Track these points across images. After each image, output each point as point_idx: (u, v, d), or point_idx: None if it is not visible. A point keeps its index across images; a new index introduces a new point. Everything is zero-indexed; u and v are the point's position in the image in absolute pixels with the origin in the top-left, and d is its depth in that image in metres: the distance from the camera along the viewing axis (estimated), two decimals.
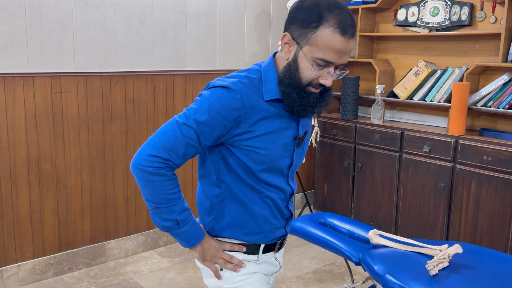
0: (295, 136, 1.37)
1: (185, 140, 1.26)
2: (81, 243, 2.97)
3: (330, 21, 1.20)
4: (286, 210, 1.47)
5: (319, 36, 1.21)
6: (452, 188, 3.12)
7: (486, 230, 2.98)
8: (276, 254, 1.53)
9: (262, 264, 1.48)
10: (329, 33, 1.20)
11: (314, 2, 1.23)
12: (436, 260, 1.89)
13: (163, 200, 1.29)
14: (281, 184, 1.40)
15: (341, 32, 1.20)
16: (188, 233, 1.34)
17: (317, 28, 1.21)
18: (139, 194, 3.19)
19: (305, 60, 1.25)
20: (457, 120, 3.09)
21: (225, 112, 1.25)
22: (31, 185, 2.73)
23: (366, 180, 3.63)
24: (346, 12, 1.23)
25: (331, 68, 1.25)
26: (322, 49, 1.21)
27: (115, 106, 2.99)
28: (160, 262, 3.13)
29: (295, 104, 1.29)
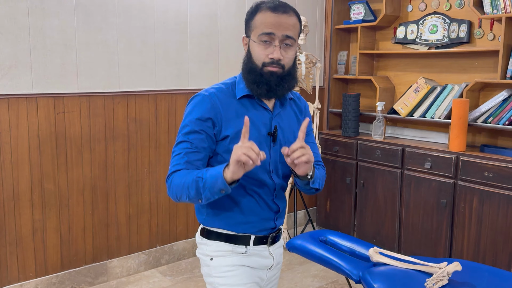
0: (268, 132, 1.50)
1: (184, 151, 1.44)
2: (83, 262, 2.98)
3: (263, 6, 1.45)
4: (273, 203, 1.55)
5: (256, 19, 1.45)
6: (454, 204, 3.11)
7: (489, 246, 2.96)
8: (271, 248, 1.59)
9: (251, 257, 1.54)
10: (263, 14, 1.44)
11: (254, 3, 1.50)
12: (436, 277, 1.89)
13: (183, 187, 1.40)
14: (263, 178, 1.50)
15: (272, 10, 1.43)
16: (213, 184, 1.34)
17: (254, 15, 1.46)
18: (141, 212, 3.21)
19: (254, 44, 1.45)
20: (457, 136, 3.09)
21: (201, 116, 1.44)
22: (33, 204, 2.76)
23: (368, 197, 3.62)
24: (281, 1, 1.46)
25: (276, 42, 1.42)
26: (259, 26, 1.43)
27: (117, 126, 3.03)
28: (162, 281, 3.12)
29: (254, 86, 1.46)
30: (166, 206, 3.33)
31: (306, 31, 3.43)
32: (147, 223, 3.25)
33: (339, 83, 4.11)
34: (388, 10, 3.60)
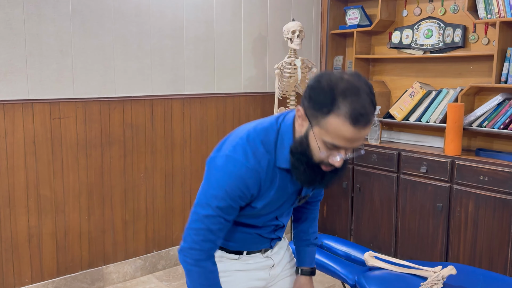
0: (297, 196, 1.42)
1: (215, 227, 1.30)
2: (80, 267, 2.98)
3: (342, 109, 1.13)
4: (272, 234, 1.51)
5: (329, 122, 1.15)
6: (450, 208, 3.11)
7: (485, 250, 2.96)
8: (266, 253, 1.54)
9: (245, 261, 1.52)
10: (340, 122, 1.14)
11: (330, 84, 1.16)
12: (430, 281, 1.89)
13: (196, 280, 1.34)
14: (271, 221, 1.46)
15: (352, 123, 1.13)
16: None
17: (328, 114, 1.15)
18: (137, 218, 3.21)
19: (314, 141, 1.21)
20: (453, 140, 3.10)
21: (238, 191, 1.27)
22: (29, 210, 2.76)
23: (365, 201, 3.63)
24: (363, 98, 1.14)
25: (342, 150, 1.21)
26: (331, 134, 1.17)
27: (113, 131, 3.03)
28: (158, 286, 3.12)
29: (302, 179, 1.28)
30: (163, 211, 3.33)
31: (302, 36, 3.45)
32: (143, 228, 3.24)
33: None
34: (383, 15, 3.61)
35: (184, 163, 3.40)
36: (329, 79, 1.17)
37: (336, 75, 1.18)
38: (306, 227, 1.62)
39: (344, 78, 1.16)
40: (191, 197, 3.46)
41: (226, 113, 3.59)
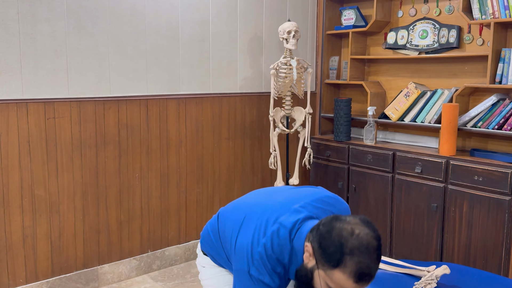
0: None
1: None
2: (74, 268, 2.97)
3: (348, 267, 1.22)
4: None
5: (334, 275, 1.24)
6: (444, 208, 3.12)
7: (480, 250, 2.98)
8: None
9: None
10: (344, 277, 1.23)
11: (340, 239, 1.24)
12: (424, 281, 1.90)
13: None
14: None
15: (355, 280, 1.22)
16: None
17: (334, 268, 1.24)
18: (133, 218, 3.20)
19: (318, 278, 1.29)
20: (447, 141, 3.11)
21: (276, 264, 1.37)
22: (24, 211, 2.75)
23: (360, 201, 3.63)
24: (370, 257, 1.23)
25: None
26: (334, 284, 1.25)
27: (108, 131, 3.03)
28: (153, 286, 3.11)
29: None
30: (158, 211, 3.32)
31: (297, 37, 3.45)
32: (138, 228, 3.24)
33: (330, 88, 4.13)
34: (379, 15, 3.62)
35: (180, 163, 3.40)
36: (340, 234, 1.24)
37: (347, 229, 1.24)
38: None
39: (354, 234, 1.23)
40: (186, 197, 3.46)
41: (222, 113, 3.59)
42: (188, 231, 3.51)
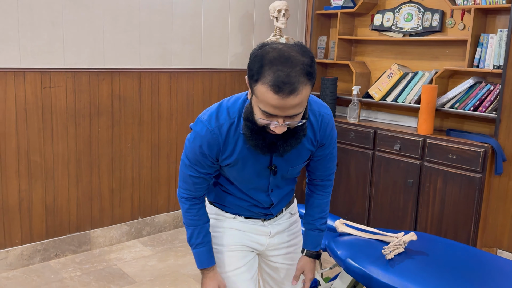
0: (268, 165, 1.50)
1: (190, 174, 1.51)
2: (68, 231, 3.12)
3: (266, 78, 1.21)
4: (266, 210, 1.63)
5: (257, 90, 1.24)
6: (420, 184, 3.31)
7: (451, 224, 3.18)
8: (265, 222, 1.66)
9: (242, 223, 1.64)
10: (264, 89, 1.22)
11: (261, 53, 1.24)
12: (392, 246, 2.07)
13: (184, 220, 1.60)
14: (260, 197, 1.58)
15: (274, 91, 1.19)
16: (195, 256, 1.59)
17: (256, 82, 1.24)
18: (124, 186, 3.35)
19: (255, 107, 1.30)
20: (425, 121, 3.28)
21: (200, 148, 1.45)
22: (20, 175, 2.87)
23: (342, 176, 3.81)
24: (291, 68, 1.20)
25: (279, 119, 1.26)
26: (261, 102, 1.25)
27: (102, 102, 3.14)
28: (143, 250, 3.28)
29: (250, 143, 1.38)
30: (148, 181, 3.47)
31: (287, 15, 3.56)
32: (129, 196, 3.39)
33: (318, 68, 4.25)
34: None
35: (170, 135, 3.53)
36: (264, 49, 1.24)
37: (272, 45, 1.24)
38: (313, 212, 1.70)
39: (277, 48, 1.23)
40: (176, 169, 3.60)
41: (212, 89, 3.71)
42: (177, 200, 3.66)
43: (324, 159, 1.61)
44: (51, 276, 2.86)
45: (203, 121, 1.43)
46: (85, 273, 2.91)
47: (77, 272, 2.93)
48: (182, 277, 2.91)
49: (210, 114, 1.44)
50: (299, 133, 1.37)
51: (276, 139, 1.36)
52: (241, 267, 1.62)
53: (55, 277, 2.86)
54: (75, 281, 2.81)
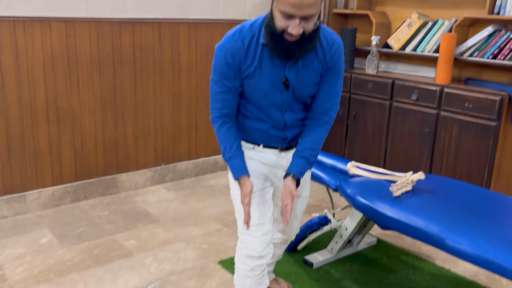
0: (282, 79, 1.65)
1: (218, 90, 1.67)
2: (95, 174, 3.31)
3: None
4: (282, 133, 1.77)
5: None
6: (436, 133, 3.35)
7: (465, 172, 3.23)
8: (283, 153, 1.82)
9: (261, 153, 1.80)
10: None
11: None
12: (400, 184, 2.16)
13: (218, 139, 1.75)
14: (276, 115, 1.72)
15: None
16: (231, 168, 1.73)
17: None
18: (147, 134, 3.49)
19: (276, 11, 1.50)
20: (443, 70, 3.28)
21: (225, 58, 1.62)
22: (49, 121, 3.04)
23: (359, 128, 3.87)
24: None
25: (296, 19, 1.47)
26: (281, 3, 1.46)
27: (124, 52, 3.24)
28: (166, 194, 3.46)
29: (270, 47, 1.57)
30: (170, 129, 3.61)
31: None
32: (152, 144, 3.54)
33: (338, 19, 4.24)
34: None
35: (190, 85, 3.63)
36: None
37: None
38: (305, 141, 1.78)
39: None
40: (196, 119, 3.73)
41: None
42: (198, 149, 3.80)
43: (328, 87, 1.71)
44: (80, 215, 3.07)
45: (228, 35, 1.64)
46: (112, 213, 3.11)
47: (105, 212, 3.13)
48: (203, 218, 3.08)
49: (234, 30, 1.64)
50: (312, 41, 1.55)
51: (292, 46, 1.54)
52: (259, 190, 1.78)
53: (84, 216, 3.06)
54: (103, 220, 3.01)
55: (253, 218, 1.74)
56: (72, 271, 2.42)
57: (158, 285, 2.31)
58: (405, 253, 2.70)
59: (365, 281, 2.40)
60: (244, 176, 1.69)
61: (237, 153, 1.71)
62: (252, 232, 1.74)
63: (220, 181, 3.77)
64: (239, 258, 1.78)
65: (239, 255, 1.78)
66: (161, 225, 2.97)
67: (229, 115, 1.71)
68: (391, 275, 2.46)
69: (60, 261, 2.52)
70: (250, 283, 1.79)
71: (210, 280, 2.38)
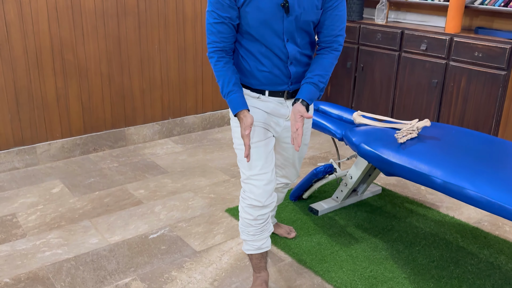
0: (281, 3, 1.61)
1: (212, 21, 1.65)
2: (104, 127, 3.34)
3: None
4: (286, 69, 1.74)
5: None
6: (444, 84, 3.32)
7: (472, 122, 3.22)
8: (288, 101, 1.80)
9: (266, 103, 1.78)
10: None
11: None
12: (405, 130, 2.16)
13: (215, 75, 1.72)
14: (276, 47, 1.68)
15: None
16: (230, 105, 1.71)
17: None
18: (154, 87, 3.50)
19: None
20: (454, 18, 3.20)
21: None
22: (56, 73, 3.05)
23: (366, 80, 3.83)
24: None
25: None
26: None
27: (127, 2, 3.20)
28: (174, 147, 3.50)
29: None
30: (176, 83, 3.60)
31: None
32: (159, 97, 3.55)
33: None
34: None
35: (196, 38, 3.59)
36: None
37: None
38: (314, 68, 1.75)
39: None
40: (202, 71, 3.71)
41: None
42: (205, 103, 3.81)
43: (332, 12, 1.68)
44: (90, 166, 3.13)
45: None
46: (121, 165, 3.17)
47: (114, 163, 3.19)
48: (210, 169, 3.13)
49: None
50: None
51: None
52: (262, 140, 1.78)
53: (94, 167, 3.12)
54: (113, 171, 3.07)
55: (255, 168, 1.75)
56: (84, 218, 2.49)
57: (168, 231, 2.38)
58: (409, 201, 2.74)
59: (369, 227, 2.45)
60: (244, 110, 1.68)
61: (235, 88, 1.70)
62: (255, 181, 1.76)
63: (227, 134, 3.79)
64: (243, 208, 1.81)
65: (243, 205, 1.81)
66: (170, 176, 3.02)
67: (225, 50, 1.69)
68: (395, 221, 2.51)
69: (71, 209, 2.59)
70: (254, 231, 1.84)
71: (217, 226, 2.44)
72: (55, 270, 2.07)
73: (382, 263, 2.15)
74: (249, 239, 1.87)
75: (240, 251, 2.23)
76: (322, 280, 2.03)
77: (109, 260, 2.15)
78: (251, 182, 1.77)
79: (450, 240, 2.35)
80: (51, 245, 2.25)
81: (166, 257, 2.18)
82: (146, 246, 2.26)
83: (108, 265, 2.11)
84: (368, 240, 2.34)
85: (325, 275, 2.06)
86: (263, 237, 1.87)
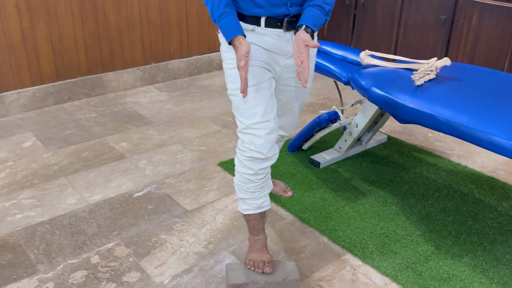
0: None
1: None
2: (78, 73, 3.01)
3: None
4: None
5: None
6: (453, 21, 3.02)
7: (483, 63, 2.96)
8: (288, 34, 1.52)
9: (262, 36, 1.51)
10: None
11: None
12: (423, 71, 1.90)
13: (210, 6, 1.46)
14: None
15: None
16: (222, 30, 1.45)
17: None
18: (132, 27, 3.14)
19: None
20: None
21: None
22: (20, 11, 2.67)
23: (367, 18, 3.51)
24: None
25: None
26: None
27: None
28: (159, 95, 3.20)
29: None
30: (158, 23, 3.24)
31: None
32: (139, 39, 3.20)
33: None
34: None
35: None
36: None
37: None
38: None
39: None
40: (186, 9, 3.34)
41: None
42: (190, 46, 3.47)
43: None
44: (66, 117, 2.83)
45: None
46: (100, 115, 2.87)
47: (92, 113, 2.89)
48: (199, 119, 2.85)
49: None
50: None
51: None
52: (262, 82, 1.51)
53: (70, 118, 2.82)
54: (91, 122, 2.78)
55: (256, 115, 1.49)
56: (59, 176, 2.23)
57: (155, 188, 2.14)
58: (417, 150, 2.53)
59: (376, 179, 2.24)
60: (239, 36, 1.41)
61: (227, 9, 1.42)
62: (256, 131, 1.50)
63: (216, 81, 3.49)
64: (241, 161, 1.56)
65: (241, 158, 1.56)
66: (155, 126, 2.75)
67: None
68: (404, 172, 2.30)
69: (45, 165, 2.32)
70: (254, 188, 1.60)
71: (210, 182, 2.21)
72: (27, 236, 1.83)
73: (393, 219, 1.95)
74: (248, 197, 1.63)
75: (236, 209, 2.00)
76: (329, 240, 1.83)
77: (88, 223, 1.91)
78: (251, 131, 1.51)
79: (465, 192, 2.16)
80: (23, 207, 2.00)
81: (154, 218, 1.95)
82: (130, 206, 2.03)
83: (87, 229, 1.88)
84: (376, 193, 2.13)
85: (331, 234, 1.86)
86: (263, 194, 1.64)
